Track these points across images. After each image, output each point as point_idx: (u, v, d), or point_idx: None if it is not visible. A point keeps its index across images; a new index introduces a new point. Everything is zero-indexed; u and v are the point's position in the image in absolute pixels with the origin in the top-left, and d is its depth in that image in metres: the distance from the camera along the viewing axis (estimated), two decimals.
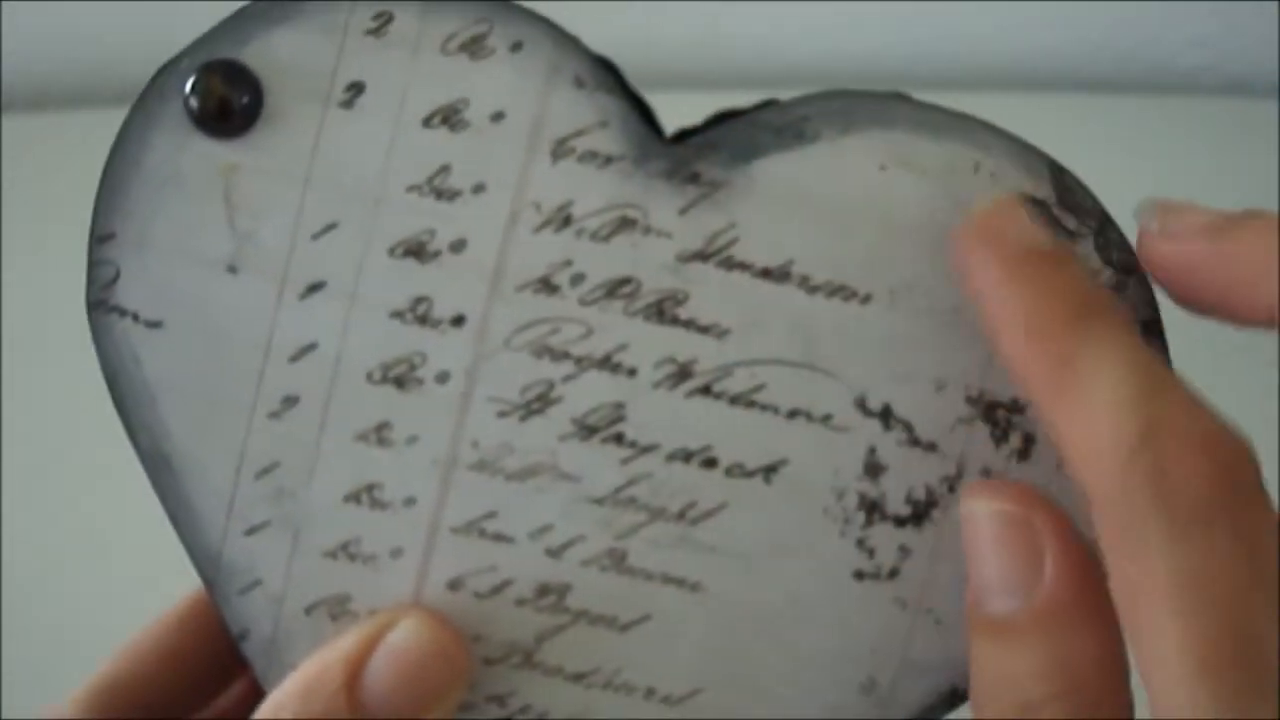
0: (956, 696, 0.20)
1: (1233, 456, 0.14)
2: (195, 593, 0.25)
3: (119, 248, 0.20)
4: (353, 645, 0.19)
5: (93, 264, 0.20)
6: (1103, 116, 0.57)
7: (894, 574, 0.19)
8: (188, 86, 0.20)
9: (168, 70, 0.20)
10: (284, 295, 0.20)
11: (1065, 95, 0.59)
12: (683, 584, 0.20)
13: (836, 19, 0.61)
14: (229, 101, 0.19)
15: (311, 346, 0.20)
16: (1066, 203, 0.19)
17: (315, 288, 0.20)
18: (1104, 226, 0.19)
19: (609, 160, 0.19)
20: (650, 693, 0.20)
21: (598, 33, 0.21)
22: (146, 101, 0.20)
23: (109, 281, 0.20)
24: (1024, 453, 0.19)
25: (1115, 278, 0.19)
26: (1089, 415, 0.14)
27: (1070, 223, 0.19)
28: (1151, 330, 0.20)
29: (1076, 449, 0.15)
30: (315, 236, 0.20)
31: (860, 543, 0.20)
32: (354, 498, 0.20)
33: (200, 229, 0.20)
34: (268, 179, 0.20)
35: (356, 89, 0.19)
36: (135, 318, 0.20)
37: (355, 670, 0.19)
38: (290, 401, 0.20)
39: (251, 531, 0.20)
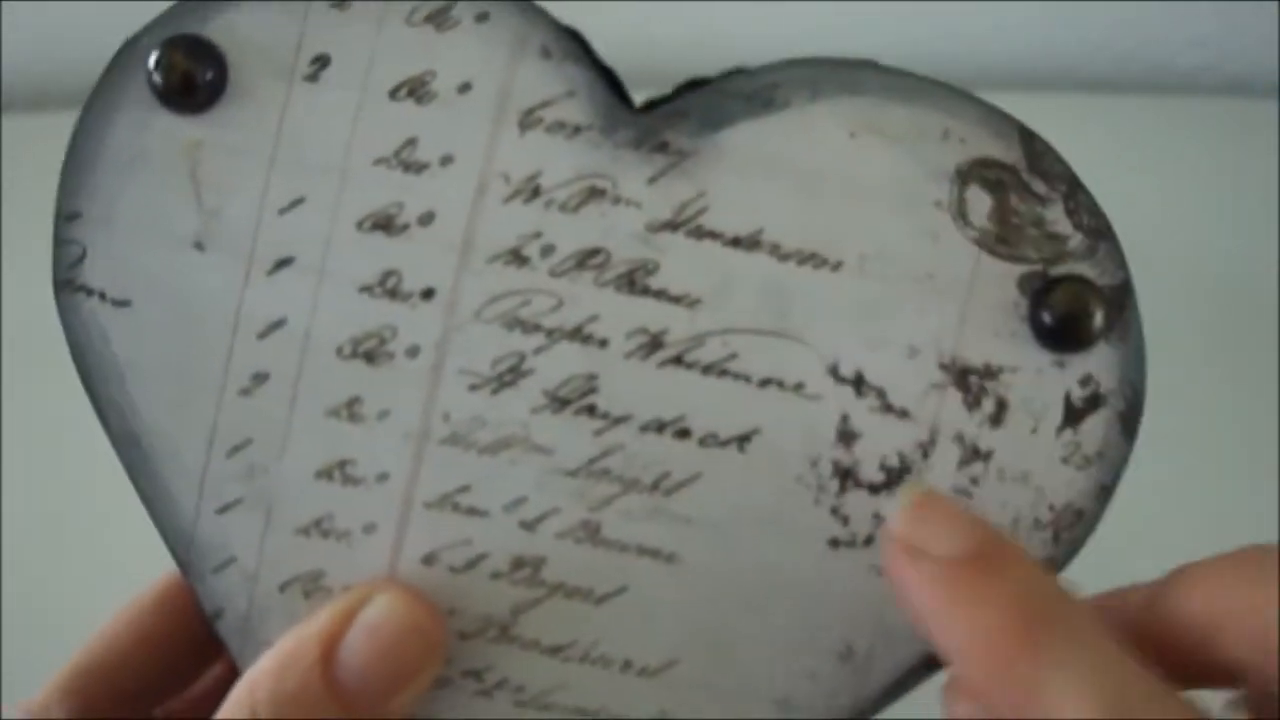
0: (932, 664, 0.20)
1: None
2: (168, 575, 0.24)
3: (85, 227, 0.20)
4: (327, 621, 0.19)
5: (59, 243, 0.20)
6: (1103, 116, 0.57)
7: (869, 541, 0.19)
8: (151, 62, 0.20)
9: (130, 47, 0.20)
10: (251, 272, 0.20)
11: (1065, 95, 0.59)
12: (658, 555, 0.20)
13: (836, 19, 0.61)
14: (192, 77, 0.19)
15: (280, 323, 0.20)
16: (1036, 168, 0.19)
17: (283, 263, 0.20)
18: (1073, 190, 0.19)
19: (577, 130, 0.19)
20: (627, 665, 0.20)
21: (596, 34, 0.21)
22: (109, 79, 0.20)
23: (75, 261, 0.20)
24: (996, 419, 0.19)
25: (1085, 242, 0.19)
26: None
27: (1040, 187, 0.19)
28: (1120, 295, 0.19)
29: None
30: (282, 212, 0.20)
31: (834, 510, 0.20)
32: (326, 474, 0.20)
33: (166, 206, 0.20)
34: (233, 155, 0.20)
35: (321, 62, 0.19)
36: (102, 296, 0.20)
37: (330, 646, 0.19)
38: (260, 378, 0.20)
39: (224, 509, 0.20)
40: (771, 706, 0.20)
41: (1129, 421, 0.19)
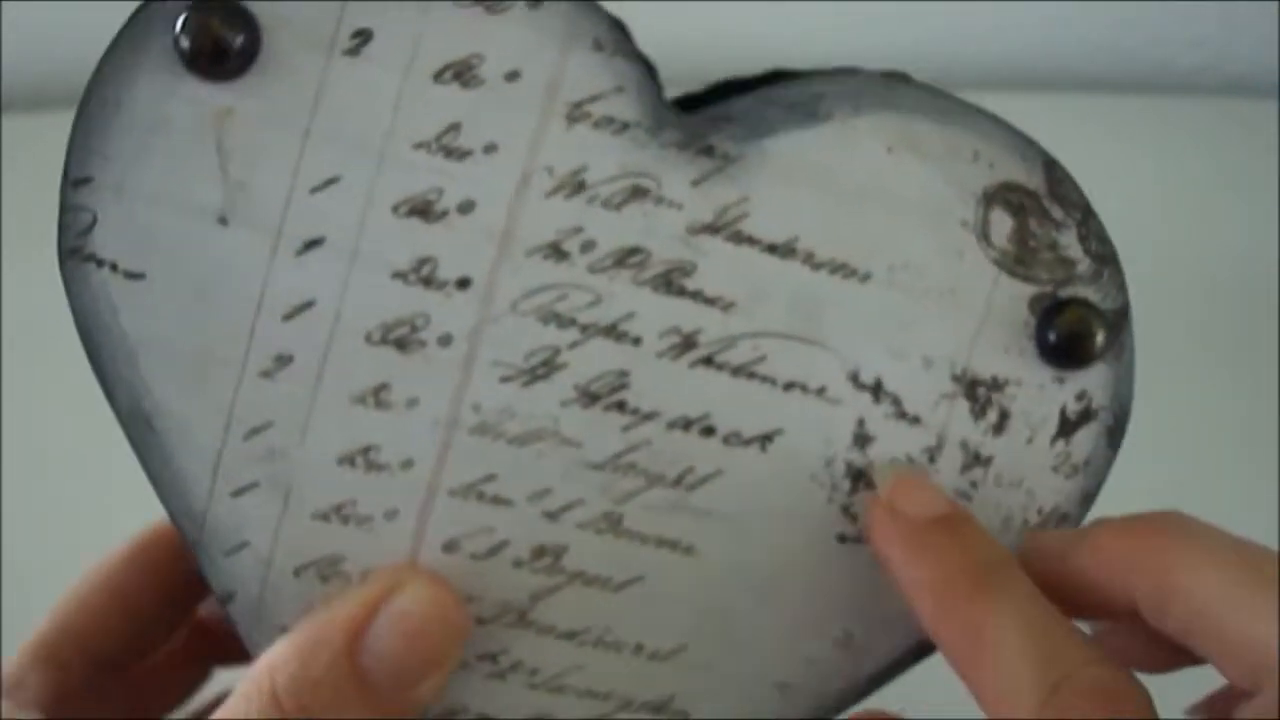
0: (924, 649, 0.21)
1: (1129, 703, 0.16)
2: (141, 533, 0.24)
3: (96, 193, 0.19)
4: (354, 608, 0.19)
5: (66, 209, 0.19)
6: (1103, 116, 0.57)
7: None
8: (178, 25, 0.18)
9: (153, 6, 0.18)
10: (279, 250, 0.19)
11: (1065, 95, 0.59)
12: (675, 546, 0.20)
13: (836, 19, 0.61)
14: (224, 41, 0.18)
15: (308, 304, 0.19)
16: (1055, 193, 0.20)
17: (313, 244, 0.19)
18: (1087, 218, 0.20)
19: (624, 127, 0.19)
20: (639, 648, 0.21)
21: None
22: (129, 39, 0.19)
23: (85, 229, 0.19)
24: (999, 428, 0.20)
25: (1092, 267, 0.20)
26: (1001, 678, 0.16)
27: (1057, 213, 0.19)
28: (1119, 319, 0.20)
29: (993, 706, 0.17)
30: (314, 190, 0.19)
31: (845, 509, 0.20)
32: (349, 460, 0.19)
33: (188, 176, 0.19)
34: (265, 126, 0.19)
35: (363, 36, 0.18)
36: (114, 267, 0.19)
37: (357, 633, 0.19)
38: (284, 360, 0.19)
39: (239, 492, 0.20)
40: (772, 689, 0.21)
41: (1115, 434, 0.21)
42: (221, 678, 0.27)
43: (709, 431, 0.20)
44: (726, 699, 0.21)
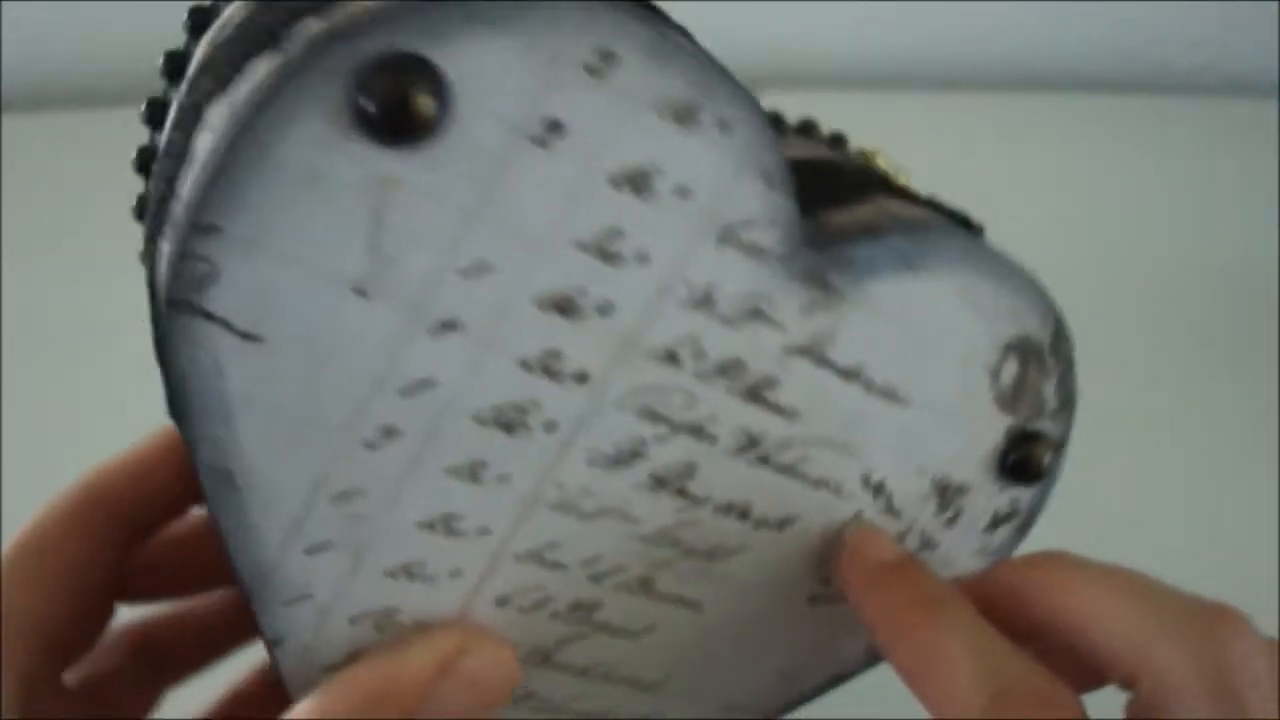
0: (842, 678, 0.25)
1: (1063, 707, 0.18)
2: (72, 498, 0.23)
3: (222, 245, 0.16)
4: (426, 668, 0.19)
5: (183, 256, 0.17)
6: (1103, 116, 0.57)
7: (841, 598, 0.22)
8: (361, 80, 0.16)
9: (326, 49, 0.16)
10: (414, 328, 0.18)
11: (1065, 95, 0.59)
12: (689, 604, 0.22)
13: (837, 19, 0.61)
14: (414, 111, 0.16)
15: (428, 383, 0.18)
16: (1055, 348, 0.22)
17: (450, 326, 0.18)
18: (1069, 369, 0.22)
19: (764, 254, 0.19)
20: (635, 681, 0.23)
21: None
22: (291, 82, 0.16)
23: (201, 280, 0.17)
24: (952, 521, 0.23)
25: (1056, 408, 0.22)
26: (949, 689, 0.19)
27: (1050, 364, 0.22)
28: (1061, 448, 0.23)
29: (942, 714, 0.19)
30: (464, 273, 0.18)
31: (823, 578, 0.23)
32: (429, 525, 0.19)
33: (334, 241, 0.17)
34: (430, 203, 0.17)
35: (556, 128, 0.17)
36: (227, 325, 0.17)
37: (424, 691, 0.19)
38: (390, 433, 0.18)
39: (313, 550, 0.19)
40: (723, 709, 0.25)
41: (1025, 528, 0.24)
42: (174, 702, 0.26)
43: (745, 515, 0.21)
44: (689, 715, 0.24)
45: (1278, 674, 0.19)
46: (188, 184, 0.17)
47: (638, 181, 0.18)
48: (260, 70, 0.16)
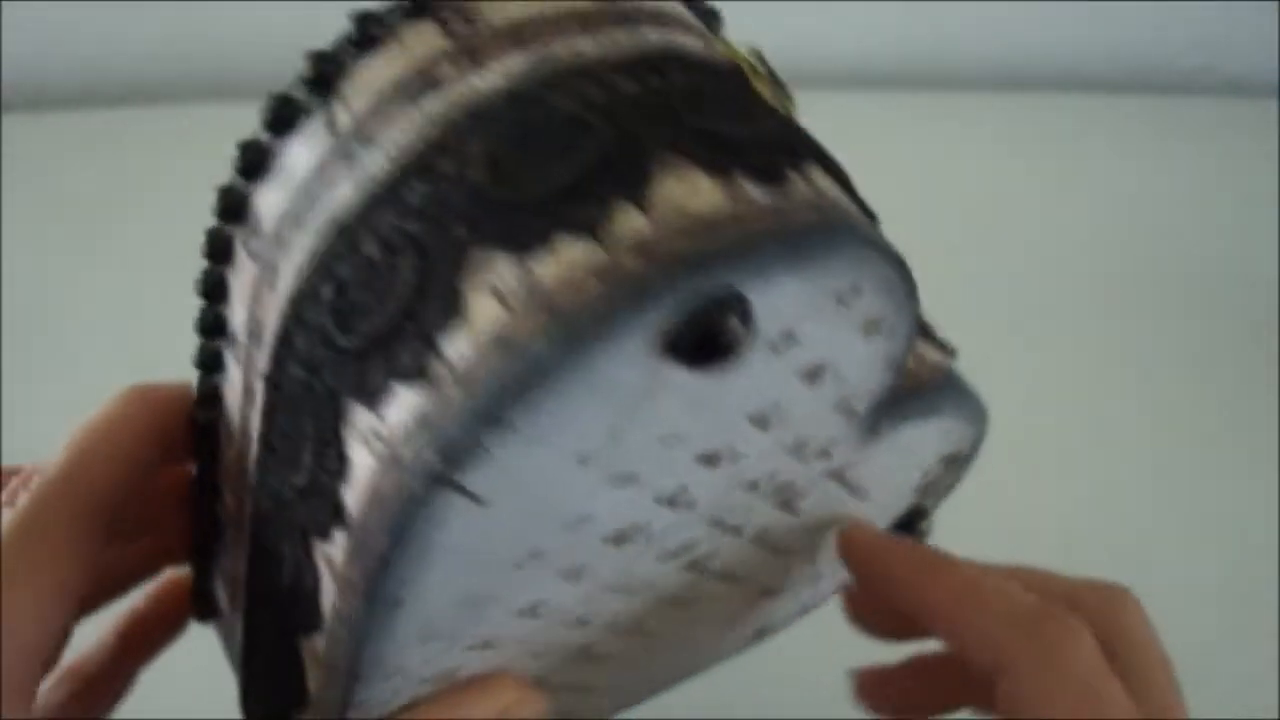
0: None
1: (1074, 628, 0.21)
2: (112, 418, 0.22)
3: (507, 438, 0.16)
4: (487, 715, 0.21)
5: (455, 441, 0.16)
6: (1103, 116, 0.57)
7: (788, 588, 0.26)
8: (685, 312, 0.16)
9: (657, 281, 0.16)
10: (642, 496, 0.19)
11: (1065, 95, 0.59)
12: (653, 635, 0.24)
13: (836, 18, 0.61)
14: (728, 341, 0.16)
15: (587, 519, 0.19)
16: (970, 456, 0.25)
17: (628, 479, 0.18)
18: (964, 470, 0.26)
19: (855, 415, 0.21)
20: (590, 689, 0.26)
21: None
22: (617, 303, 0.16)
23: (468, 461, 0.16)
24: None
25: (945, 495, 0.27)
26: (992, 614, 0.21)
27: (961, 470, 0.26)
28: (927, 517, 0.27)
29: (979, 637, 0.22)
30: (699, 461, 0.19)
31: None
32: (521, 612, 0.20)
33: (593, 432, 0.17)
34: (693, 413, 0.18)
35: (789, 338, 0.18)
36: (474, 498, 0.17)
37: None
38: (536, 555, 0.19)
39: (425, 639, 0.19)
40: (697, 669, 0.28)
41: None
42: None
43: (723, 575, 0.24)
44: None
45: (1122, 661, 0.21)
46: (470, 360, 0.16)
47: (814, 375, 0.19)
48: (585, 280, 0.16)
